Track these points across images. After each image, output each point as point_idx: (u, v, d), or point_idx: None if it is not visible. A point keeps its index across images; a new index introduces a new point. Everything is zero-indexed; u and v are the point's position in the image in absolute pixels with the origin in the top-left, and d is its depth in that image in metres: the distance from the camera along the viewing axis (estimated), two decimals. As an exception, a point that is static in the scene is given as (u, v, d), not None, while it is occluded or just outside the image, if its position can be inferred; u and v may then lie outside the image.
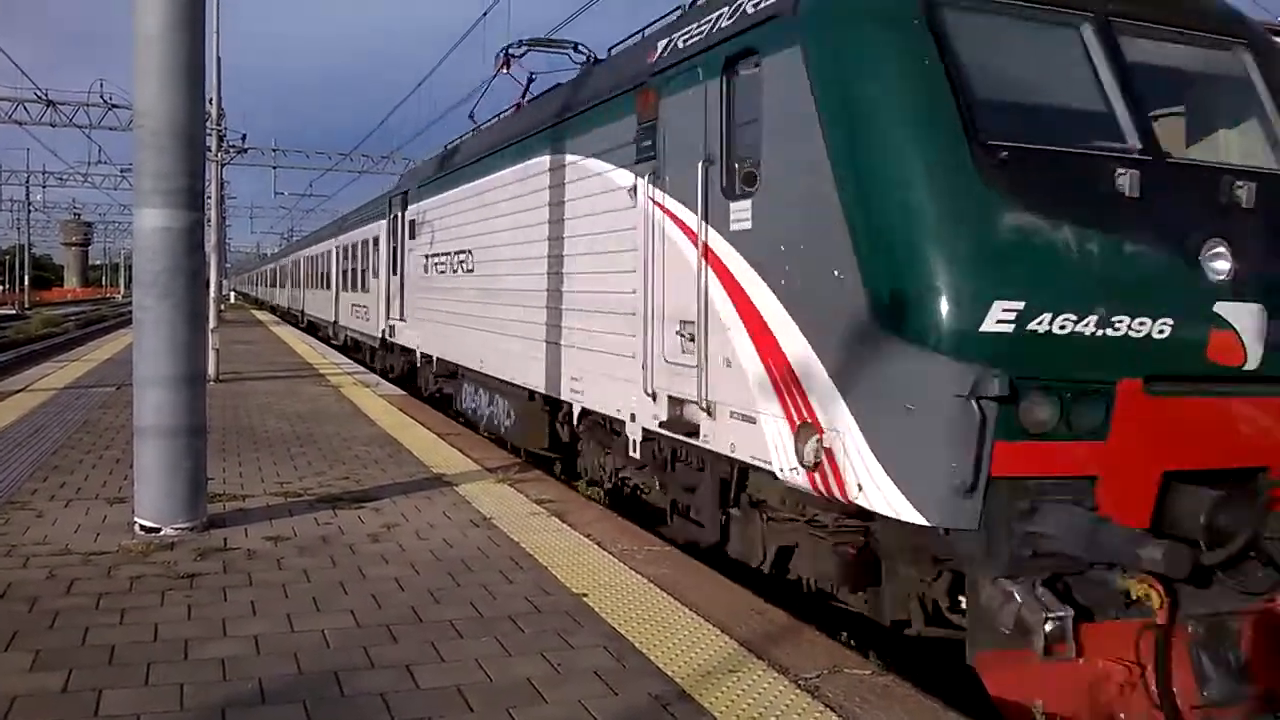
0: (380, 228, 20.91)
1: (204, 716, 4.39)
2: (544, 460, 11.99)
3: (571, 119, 9.93)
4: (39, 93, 35.42)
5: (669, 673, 4.95)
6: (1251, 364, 5.48)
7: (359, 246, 25.19)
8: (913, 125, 5.38)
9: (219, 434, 11.97)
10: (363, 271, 24.24)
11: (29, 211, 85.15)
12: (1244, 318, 5.45)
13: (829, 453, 5.70)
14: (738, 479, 7.40)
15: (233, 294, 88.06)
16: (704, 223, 7.03)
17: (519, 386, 11.52)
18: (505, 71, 13.47)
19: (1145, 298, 5.29)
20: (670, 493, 8.62)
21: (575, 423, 10.23)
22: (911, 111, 5.42)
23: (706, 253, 7.00)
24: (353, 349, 27.36)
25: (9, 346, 40.18)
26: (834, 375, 5.69)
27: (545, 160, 10.59)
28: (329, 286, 33.35)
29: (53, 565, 6.58)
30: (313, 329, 38.93)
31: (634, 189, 8.20)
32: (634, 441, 8.54)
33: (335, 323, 31.19)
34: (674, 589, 6.33)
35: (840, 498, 5.71)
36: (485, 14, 20.95)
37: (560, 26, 18.09)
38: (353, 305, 26.85)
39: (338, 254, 30.33)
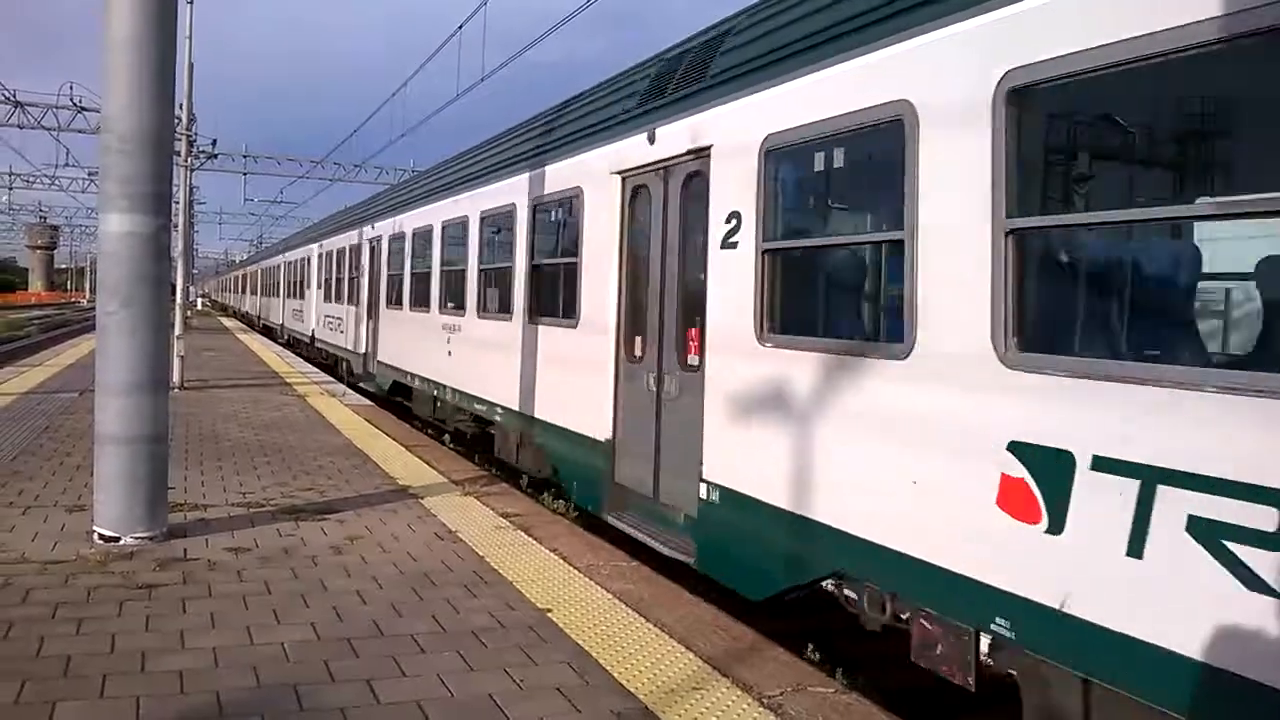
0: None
1: (159, 730, 4.33)
2: (512, 473, 11.98)
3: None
4: (6, 94, 35.04)
5: (632, 689, 4.94)
6: None
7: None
8: None
9: (182, 442, 11.86)
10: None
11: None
12: None
13: None
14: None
15: (200, 300, 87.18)
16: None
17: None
18: None
19: None
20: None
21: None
22: None
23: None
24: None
25: (-31, 350, 39.56)
26: None
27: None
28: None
29: (9, 574, 6.48)
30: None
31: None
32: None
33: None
34: (639, 605, 6.32)
35: None
36: (460, 27, 20.92)
37: (535, 42, 18.09)
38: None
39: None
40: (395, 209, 18.89)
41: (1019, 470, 4.52)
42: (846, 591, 6.18)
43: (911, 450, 5.22)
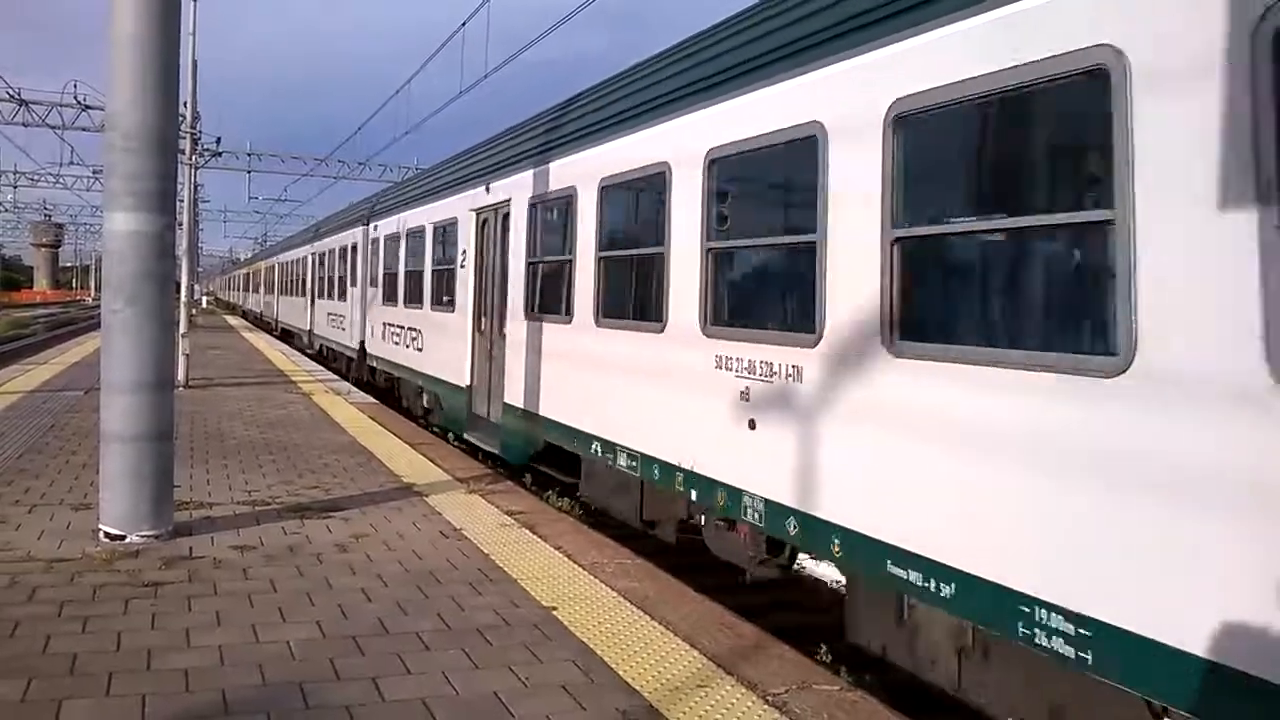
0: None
1: (165, 728, 4.33)
2: (516, 471, 11.98)
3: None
4: (11, 92, 35.08)
5: (637, 687, 4.94)
6: None
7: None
8: None
9: (187, 440, 11.87)
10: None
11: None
12: None
13: None
14: None
15: (204, 299, 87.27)
16: None
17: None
18: None
19: None
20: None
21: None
22: None
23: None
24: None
25: (-25, 348, 39.63)
26: None
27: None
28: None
29: (15, 572, 6.49)
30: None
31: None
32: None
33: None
34: (643, 603, 6.32)
35: None
36: (464, 24, 20.93)
37: (539, 38, 18.08)
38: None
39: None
40: (550, 150, 10.87)
41: None
42: None
43: None
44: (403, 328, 17.60)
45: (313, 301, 30.59)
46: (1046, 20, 4.65)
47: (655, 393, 8.15)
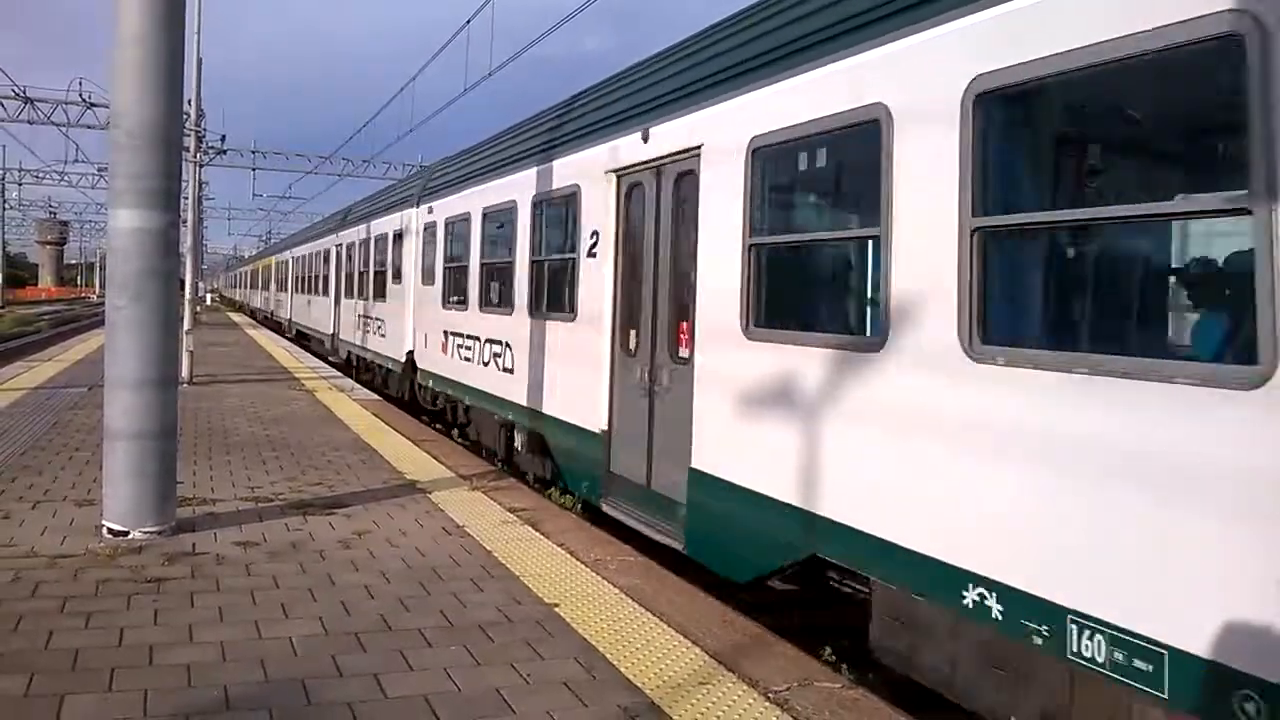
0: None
1: (167, 724, 4.34)
2: (518, 470, 11.99)
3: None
4: (16, 89, 35.19)
5: (639, 684, 4.94)
6: None
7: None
8: None
9: (190, 437, 11.89)
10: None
11: (4, 209, 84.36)
12: None
13: None
14: None
15: (209, 296, 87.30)
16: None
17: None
18: None
19: None
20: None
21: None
22: None
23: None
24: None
25: (-20, 345, 39.66)
26: None
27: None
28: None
29: (18, 567, 6.50)
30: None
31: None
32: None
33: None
34: (645, 600, 6.32)
35: None
36: (468, 21, 20.93)
37: (543, 37, 18.07)
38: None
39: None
40: (811, 49, 6.42)
41: None
42: None
43: None
44: (478, 339, 13.35)
45: (338, 301, 26.01)
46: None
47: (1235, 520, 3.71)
